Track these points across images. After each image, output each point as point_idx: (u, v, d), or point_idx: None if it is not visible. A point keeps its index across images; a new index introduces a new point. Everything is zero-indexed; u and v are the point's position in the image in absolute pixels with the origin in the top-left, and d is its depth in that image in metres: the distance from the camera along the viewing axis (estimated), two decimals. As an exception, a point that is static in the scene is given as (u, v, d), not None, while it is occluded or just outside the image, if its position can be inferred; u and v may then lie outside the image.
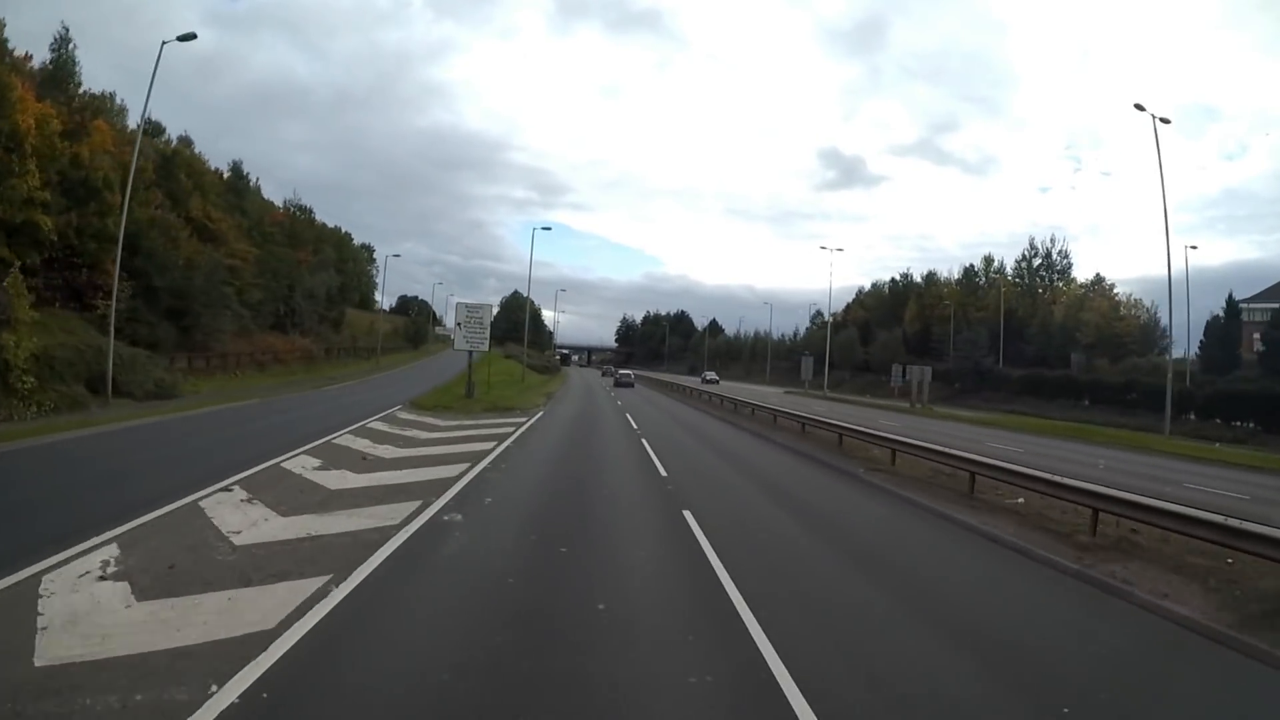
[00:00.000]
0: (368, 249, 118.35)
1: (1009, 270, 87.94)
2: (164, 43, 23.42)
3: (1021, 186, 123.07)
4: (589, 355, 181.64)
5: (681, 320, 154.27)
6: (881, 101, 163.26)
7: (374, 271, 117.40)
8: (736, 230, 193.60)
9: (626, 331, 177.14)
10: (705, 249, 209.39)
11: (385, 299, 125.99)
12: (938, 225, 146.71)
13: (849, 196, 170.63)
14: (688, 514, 9.90)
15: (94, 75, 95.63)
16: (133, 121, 35.04)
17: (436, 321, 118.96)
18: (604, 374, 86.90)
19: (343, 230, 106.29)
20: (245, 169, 54.22)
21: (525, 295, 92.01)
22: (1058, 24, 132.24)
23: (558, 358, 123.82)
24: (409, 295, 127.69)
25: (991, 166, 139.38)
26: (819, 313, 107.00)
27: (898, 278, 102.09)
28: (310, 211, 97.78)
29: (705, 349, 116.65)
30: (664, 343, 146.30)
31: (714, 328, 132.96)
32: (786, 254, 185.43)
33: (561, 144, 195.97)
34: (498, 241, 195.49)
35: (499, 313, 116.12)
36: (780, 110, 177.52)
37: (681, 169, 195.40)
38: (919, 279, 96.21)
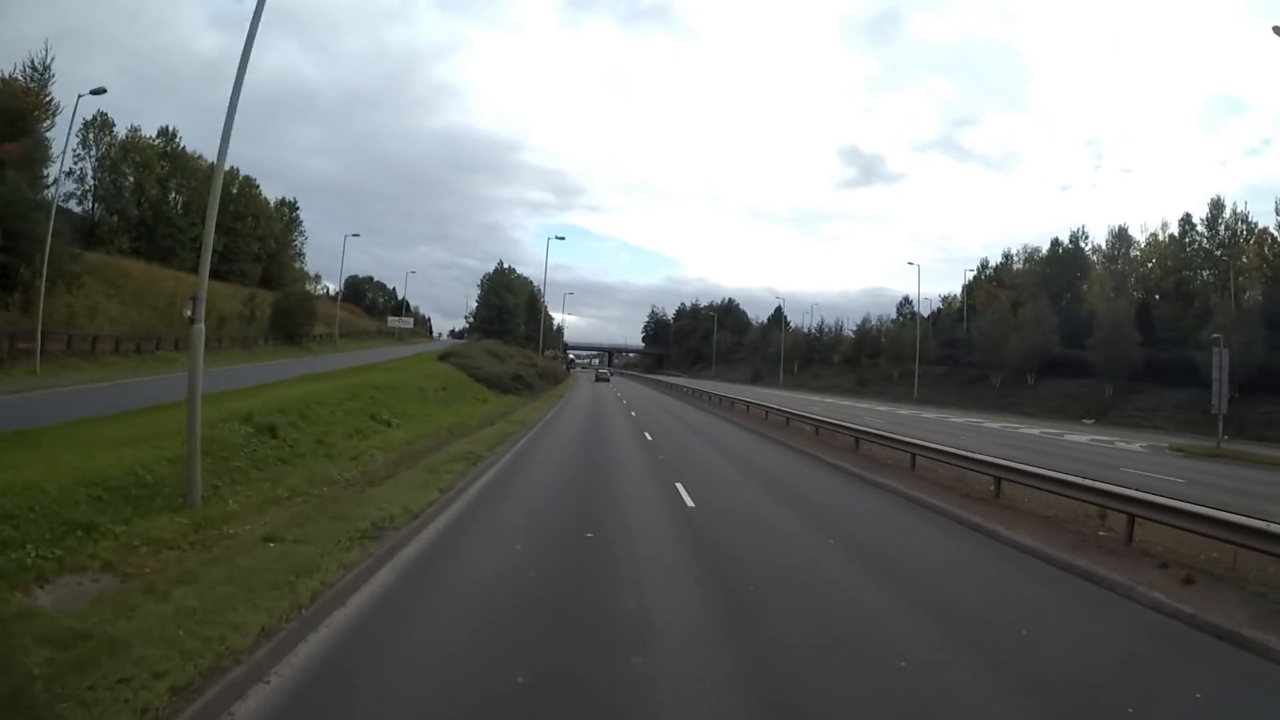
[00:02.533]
0: (290, 206, 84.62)
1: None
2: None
3: (1042, 184, 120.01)
4: (609, 357, 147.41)
5: (730, 312, 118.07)
6: (901, 96, 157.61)
7: (300, 240, 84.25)
8: (757, 232, 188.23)
9: (656, 329, 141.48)
10: (725, 251, 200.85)
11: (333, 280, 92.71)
12: (959, 225, 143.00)
13: (869, 195, 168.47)
14: None
15: (95, 78, 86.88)
16: None
17: (399, 310, 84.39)
18: (597, 379, 68.50)
19: (241, 173, 72.57)
20: None
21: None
22: (1077, 13, 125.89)
23: (565, 364, 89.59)
24: (361, 276, 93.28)
25: (1013, 162, 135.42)
26: (906, 300, 71.38)
27: (1065, 240, 66.47)
28: (178, 138, 64.91)
29: (781, 345, 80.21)
30: (708, 340, 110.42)
31: (775, 317, 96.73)
32: (808, 255, 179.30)
33: (575, 145, 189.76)
34: (515, 244, 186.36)
35: (484, 298, 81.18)
36: (798, 106, 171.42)
37: (700, 169, 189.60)
38: (1102, 241, 61.16)
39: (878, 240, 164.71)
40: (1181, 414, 36.52)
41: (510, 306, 71.72)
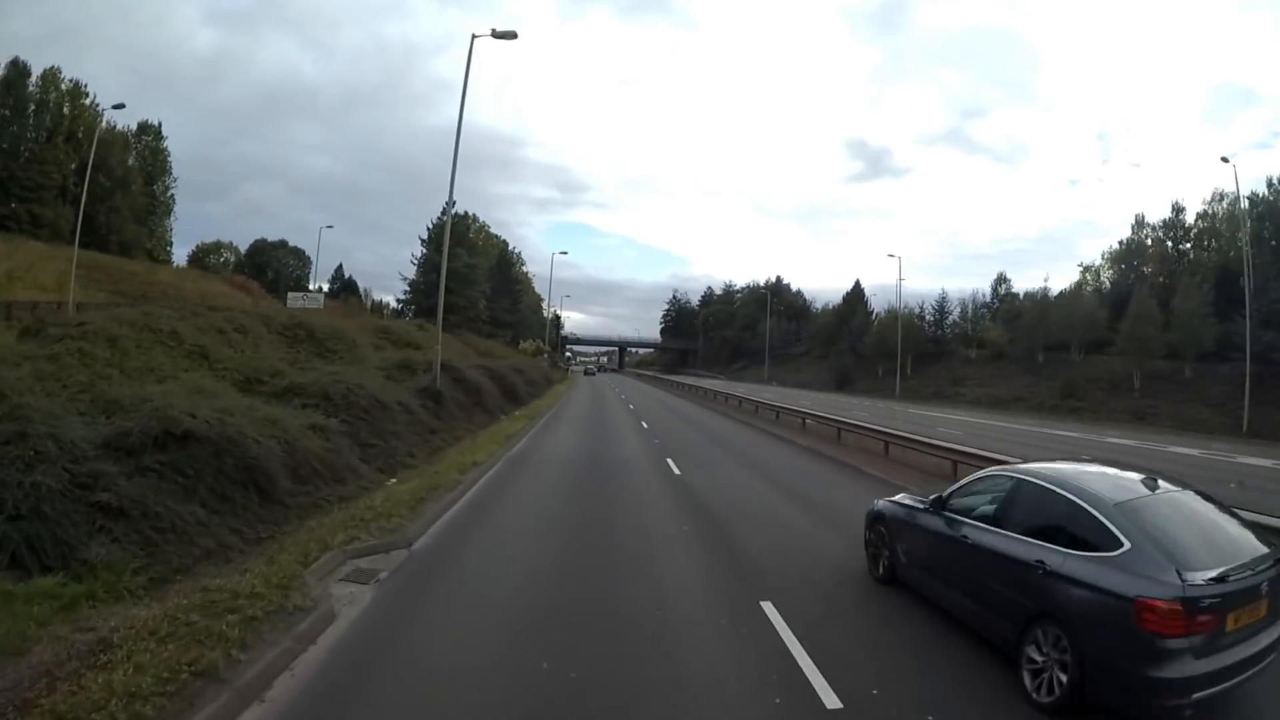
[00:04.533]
0: (153, 133, 58.30)
1: None
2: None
3: (1051, 179, 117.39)
4: (621, 354, 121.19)
5: (779, 294, 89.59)
6: (908, 87, 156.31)
7: (167, 186, 58.53)
8: (764, 228, 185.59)
9: (678, 319, 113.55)
10: (732, 248, 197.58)
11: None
12: (967, 220, 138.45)
13: (877, 189, 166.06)
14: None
15: (91, 77, 79.80)
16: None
17: (297, 284, 57.23)
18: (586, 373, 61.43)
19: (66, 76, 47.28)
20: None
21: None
22: (1086, 3, 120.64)
23: (562, 362, 63.64)
24: (273, 240, 66.03)
25: (1021, 156, 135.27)
26: (1002, 278, 44.26)
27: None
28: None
29: (895, 335, 51.68)
30: (753, 330, 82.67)
31: (856, 296, 68.39)
32: (815, 252, 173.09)
33: (579, 141, 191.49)
34: (521, 242, 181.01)
35: (425, 259, 52.61)
36: (804, 98, 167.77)
37: (706, 165, 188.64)
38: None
39: (885, 237, 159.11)
40: None
41: (462, 271, 43.81)
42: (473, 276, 44.44)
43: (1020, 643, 3.85)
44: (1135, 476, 4.19)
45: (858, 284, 69.82)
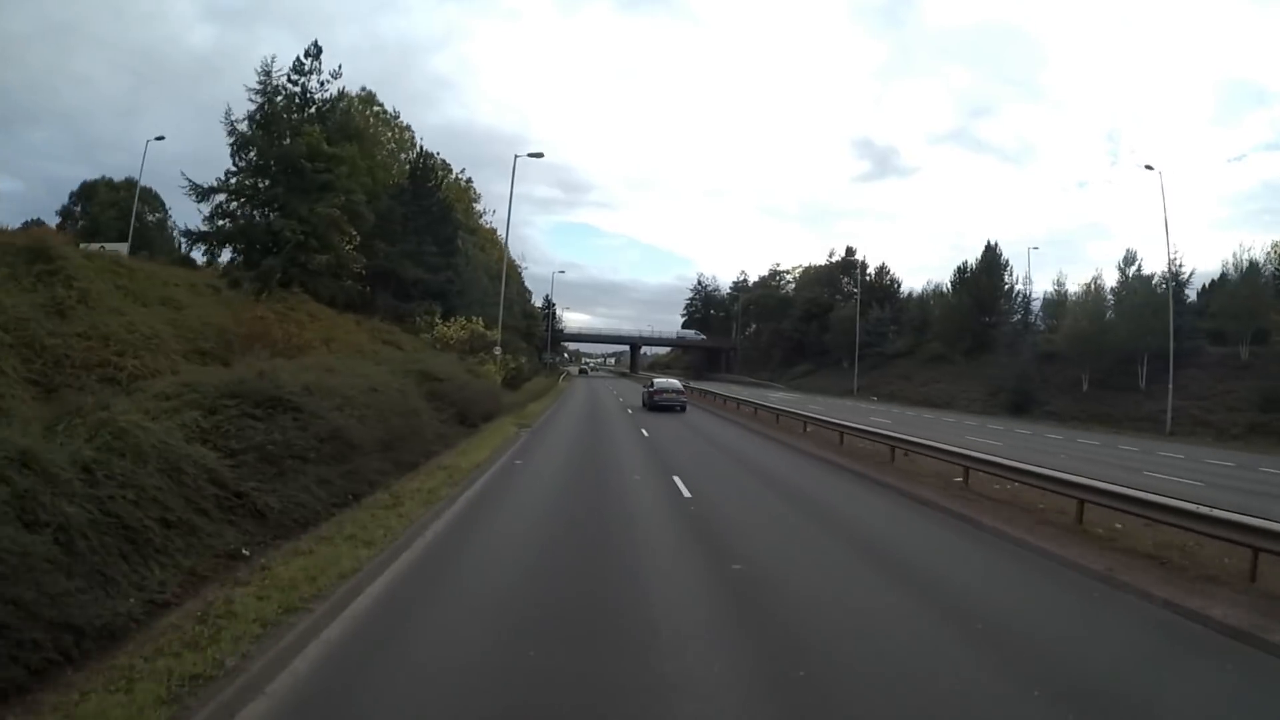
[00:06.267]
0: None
1: None
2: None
3: (1059, 181, 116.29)
4: (633, 355, 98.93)
5: (850, 269, 65.81)
6: (916, 85, 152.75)
7: None
8: (769, 229, 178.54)
9: (704, 308, 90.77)
10: (736, 249, 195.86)
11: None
12: (974, 222, 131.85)
13: (883, 189, 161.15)
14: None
15: (84, 75, 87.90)
16: None
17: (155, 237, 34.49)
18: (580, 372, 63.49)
19: None
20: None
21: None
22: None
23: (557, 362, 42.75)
24: (108, 179, 43.63)
25: (1029, 156, 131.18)
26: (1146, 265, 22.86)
27: None
28: None
29: (1170, 320, 28.44)
30: (818, 321, 59.98)
31: (991, 264, 45.24)
32: (821, 255, 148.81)
33: (582, 139, 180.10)
34: (524, 242, 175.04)
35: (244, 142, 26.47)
36: (809, 95, 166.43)
37: (710, 164, 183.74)
38: None
39: (892, 238, 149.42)
40: None
41: (307, 170, 20.41)
42: (328, 180, 21.42)
43: (646, 402, 27.03)
44: (666, 378, 35.27)
45: (990, 247, 46.47)
